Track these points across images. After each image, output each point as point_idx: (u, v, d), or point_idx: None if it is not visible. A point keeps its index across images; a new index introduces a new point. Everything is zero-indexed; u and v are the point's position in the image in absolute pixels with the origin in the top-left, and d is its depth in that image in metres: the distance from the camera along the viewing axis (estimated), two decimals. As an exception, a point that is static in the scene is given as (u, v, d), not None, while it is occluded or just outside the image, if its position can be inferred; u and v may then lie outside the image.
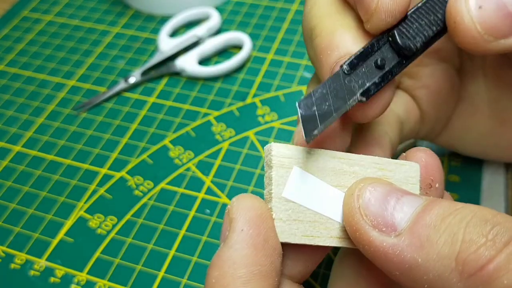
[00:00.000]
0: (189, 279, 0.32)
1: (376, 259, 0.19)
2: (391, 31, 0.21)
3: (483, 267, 0.16)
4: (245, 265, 0.18)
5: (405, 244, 0.18)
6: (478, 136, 0.31)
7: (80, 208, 0.36)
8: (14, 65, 0.48)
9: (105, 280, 0.32)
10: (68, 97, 0.44)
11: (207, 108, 0.42)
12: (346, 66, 0.21)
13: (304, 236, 0.20)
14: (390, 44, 0.22)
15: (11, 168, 0.39)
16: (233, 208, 0.20)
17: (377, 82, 0.21)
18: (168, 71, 0.45)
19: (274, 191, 0.20)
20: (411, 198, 0.19)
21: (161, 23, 0.50)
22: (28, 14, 0.53)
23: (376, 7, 0.20)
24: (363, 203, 0.19)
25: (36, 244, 0.35)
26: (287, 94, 0.43)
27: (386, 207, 0.19)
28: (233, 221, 0.19)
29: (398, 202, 0.19)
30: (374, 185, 0.20)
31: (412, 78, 0.29)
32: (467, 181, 0.35)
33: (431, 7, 0.22)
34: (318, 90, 0.20)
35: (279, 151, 0.20)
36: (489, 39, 0.20)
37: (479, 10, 0.20)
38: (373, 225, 0.19)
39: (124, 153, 0.40)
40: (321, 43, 0.22)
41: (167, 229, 0.35)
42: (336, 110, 0.20)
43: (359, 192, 0.19)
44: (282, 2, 0.51)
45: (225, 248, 0.19)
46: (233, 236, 0.19)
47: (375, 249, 0.18)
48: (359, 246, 0.19)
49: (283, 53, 0.46)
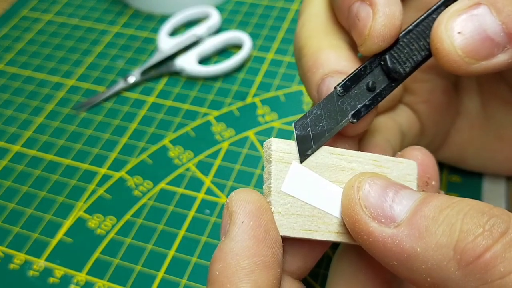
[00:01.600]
0: (188, 279, 0.32)
1: (375, 250, 0.19)
2: (383, 55, 0.22)
3: (480, 255, 0.17)
4: (248, 256, 0.19)
5: (404, 234, 0.18)
6: (475, 151, 0.32)
7: (80, 208, 0.36)
8: (13, 64, 0.48)
9: (104, 280, 0.32)
10: (68, 97, 0.44)
11: (207, 108, 0.42)
12: (340, 88, 0.22)
13: (303, 230, 0.20)
14: (381, 67, 0.23)
15: (10, 168, 0.39)
16: (232, 201, 0.20)
17: (367, 104, 0.22)
18: (167, 70, 0.45)
19: (273, 185, 0.20)
20: (410, 192, 0.20)
21: (160, 22, 0.50)
22: (27, 14, 0.53)
23: (369, 32, 0.22)
24: (363, 195, 0.20)
25: (35, 244, 0.35)
26: (287, 94, 0.43)
27: (385, 199, 0.19)
28: (233, 214, 0.20)
29: (397, 195, 0.19)
30: (373, 178, 0.20)
31: (413, 94, 0.30)
32: (468, 181, 0.35)
33: (421, 31, 0.23)
34: (313, 111, 0.21)
35: (279, 146, 0.20)
36: (470, 61, 0.21)
37: (459, 35, 0.21)
38: (372, 217, 0.19)
39: (123, 153, 0.39)
40: (307, 62, 0.24)
41: (166, 230, 0.35)
42: (328, 131, 0.21)
43: (359, 185, 0.20)
44: (282, 2, 0.51)
45: (227, 240, 0.19)
46: (234, 229, 0.19)
47: (374, 240, 0.19)
48: (357, 237, 0.20)
49: (283, 53, 0.46)
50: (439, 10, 0.22)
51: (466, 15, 0.21)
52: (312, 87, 0.24)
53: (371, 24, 0.21)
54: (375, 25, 0.21)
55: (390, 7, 0.21)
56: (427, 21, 0.23)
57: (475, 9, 0.21)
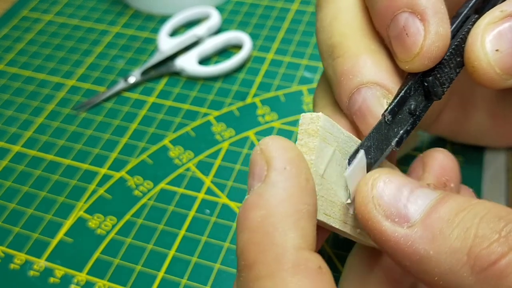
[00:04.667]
0: (189, 279, 0.32)
1: (387, 249, 0.19)
2: (427, 75, 0.21)
3: (495, 262, 0.16)
4: (294, 204, 0.18)
5: (417, 236, 0.18)
6: (469, 128, 0.33)
7: (80, 208, 0.36)
8: (14, 64, 0.48)
9: (104, 280, 0.32)
10: (68, 97, 0.44)
11: (207, 108, 0.42)
12: (389, 115, 0.21)
13: (325, 214, 0.20)
14: (423, 89, 0.21)
15: (11, 168, 0.39)
16: (269, 147, 0.19)
17: (408, 129, 0.21)
18: (168, 71, 0.45)
19: (315, 163, 0.19)
20: (426, 191, 0.19)
21: (161, 22, 0.50)
22: (27, 14, 0.53)
23: (420, 52, 0.20)
24: (377, 193, 0.19)
25: (35, 244, 0.35)
26: (287, 94, 0.43)
27: (400, 198, 0.19)
28: (272, 159, 0.19)
29: (412, 194, 0.19)
30: (389, 176, 0.20)
31: None
32: (468, 180, 0.35)
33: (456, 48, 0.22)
34: (364, 143, 0.21)
35: (326, 125, 0.20)
36: (507, 78, 0.21)
37: (496, 53, 0.20)
38: (385, 215, 0.19)
39: (123, 153, 0.40)
40: (342, 65, 0.22)
41: (166, 229, 0.35)
42: (375, 162, 0.21)
43: (374, 182, 0.19)
44: (282, 2, 0.51)
45: (268, 186, 0.18)
46: (275, 174, 0.18)
47: (386, 239, 0.18)
48: (370, 234, 0.19)
49: (283, 53, 0.46)
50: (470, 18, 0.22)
51: (500, 29, 0.20)
52: (344, 94, 0.22)
53: (422, 43, 0.20)
54: (428, 45, 0.20)
55: (444, 26, 0.20)
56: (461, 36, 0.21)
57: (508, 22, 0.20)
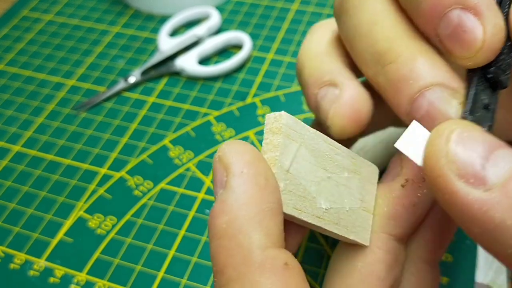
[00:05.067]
0: (189, 279, 0.32)
1: (456, 212, 0.17)
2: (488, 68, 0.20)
3: None
4: (255, 205, 0.18)
5: (495, 201, 0.16)
6: None
7: (80, 208, 0.36)
8: (14, 64, 0.48)
9: (104, 280, 0.32)
10: (68, 97, 0.44)
11: (207, 108, 0.42)
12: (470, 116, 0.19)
13: (294, 208, 0.20)
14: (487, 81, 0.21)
15: (11, 168, 0.39)
16: (226, 153, 0.19)
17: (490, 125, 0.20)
18: (168, 70, 0.45)
19: (279, 159, 0.20)
20: (509, 153, 0.17)
21: (161, 22, 0.50)
22: (27, 14, 0.53)
23: (482, 46, 0.20)
24: (452, 147, 0.17)
25: (35, 244, 0.35)
26: (287, 94, 0.43)
27: (478, 157, 0.17)
28: (230, 165, 0.19)
29: (492, 154, 0.17)
30: (468, 129, 0.17)
31: None
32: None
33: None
34: None
35: (289, 122, 0.20)
36: None
37: None
38: (459, 174, 0.17)
39: (123, 153, 0.40)
40: (398, 71, 0.21)
41: (166, 229, 0.35)
42: None
43: (450, 134, 0.17)
44: (283, 2, 0.51)
45: (229, 192, 0.18)
46: (234, 179, 0.18)
47: (457, 201, 0.16)
48: (437, 193, 0.17)
49: (283, 53, 0.46)
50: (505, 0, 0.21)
51: None
52: (404, 100, 0.21)
53: (483, 37, 0.19)
54: (489, 38, 0.19)
55: (499, 16, 0.20)
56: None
57: None
